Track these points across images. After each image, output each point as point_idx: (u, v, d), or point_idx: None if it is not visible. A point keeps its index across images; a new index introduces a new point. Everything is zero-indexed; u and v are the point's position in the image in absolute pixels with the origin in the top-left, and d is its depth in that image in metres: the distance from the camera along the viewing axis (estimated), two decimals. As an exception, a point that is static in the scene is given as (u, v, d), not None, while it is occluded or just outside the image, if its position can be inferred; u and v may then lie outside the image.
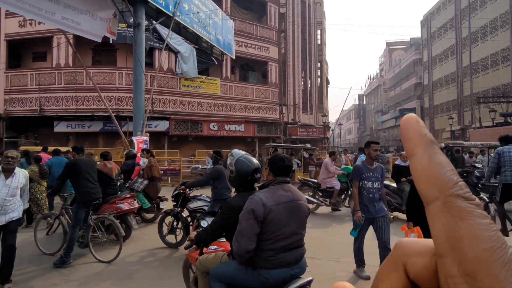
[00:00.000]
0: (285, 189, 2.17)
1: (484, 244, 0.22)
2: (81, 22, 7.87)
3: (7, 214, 3.60)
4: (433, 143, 0.27)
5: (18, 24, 16.28)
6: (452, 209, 0.24)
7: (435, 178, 0.25)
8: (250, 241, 1.97)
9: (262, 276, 2.05)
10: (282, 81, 21.53)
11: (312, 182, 7.96)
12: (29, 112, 15.86)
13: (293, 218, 2.12)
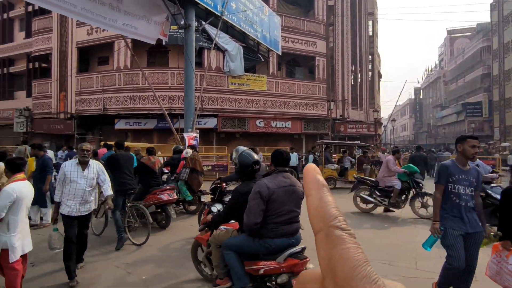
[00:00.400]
0: (284, 177, 2.71)
1: (350, 263, 0.28)
2: (138, 27, 8.42)
3: (87, 205, 3.81)
4: (323, 186, 0.34)
5: (86, 32, 18.06)
6: (331, 237, 0.30)
7: (322, 213, 0.31)
8: (258, 216, 2.53)
9: (267, 244, 2.60)
10: (330, 76, 20.85)
11: (369, 181, 7.59)
12: (94, 111, 17.54)
13: (291, 199, 2.65)
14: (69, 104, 18.30)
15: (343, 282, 0.28)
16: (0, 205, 2.97)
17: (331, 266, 0.29)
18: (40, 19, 19.72)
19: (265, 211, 2.56)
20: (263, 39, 13.34)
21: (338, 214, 0.31)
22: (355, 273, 0.28)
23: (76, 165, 3.79)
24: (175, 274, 3.92)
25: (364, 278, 0.28)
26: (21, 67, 22.25)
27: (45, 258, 4.28)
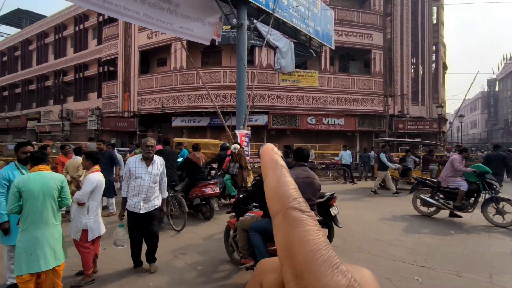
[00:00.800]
0: (303, 170, 3.31)
1: (309, 246, 0.26)
2: (193, 28, 8.74)
3: (151, 201, 3.75)
4: (282, 167, 0.32)
5: (147, 36, 19.42)
6: (288, 219, 0.28)
7: (280, 194, 0.30)
8: None
9: None
10: (388, 69, 19.50)
11: (430, 181, 6.94)
12: (154, 110, 18.82)
13: (308, 189, 3.18)
14: (132, 103, 19.90)
15: (302, 266, 0.26)
16: (84, 191, 3.50)
17: (288, 250, 0.27)
18: (109, 27, 21.73)
19: None
20: (315, 34, 12.96)
21: (298, 196, 0.30)
22: (315, 257, 0.26)
23: (140, 161, 3.76)
24: (219, 259, 4.20)
25: (325, 262, 0.26)
26: (93, 71, 24.81)
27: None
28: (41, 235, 2.86)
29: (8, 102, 34.37)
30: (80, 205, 3.57)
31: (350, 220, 6.28)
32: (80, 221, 3.53)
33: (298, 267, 0.26)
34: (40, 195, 2.85)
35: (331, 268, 0.26)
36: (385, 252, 4.47)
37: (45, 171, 2.97)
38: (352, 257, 4.27)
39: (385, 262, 4.14)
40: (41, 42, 29.60)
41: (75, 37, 26.07)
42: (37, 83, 30.16)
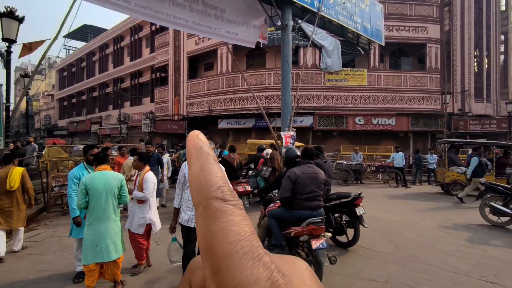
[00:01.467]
0: (308, 166, 3.81)
1: (230, 238, 0.24)
2: (238, 33, 8.91)
3: None
4: (207, 155, 0.30)
5: (194, 42, 20.30)
6: (209, 210, 0.26)
7: (201, 184, 0.27)
8: (287, 192, 3.64)
9: (294, 213, 3.67)
10: (446, 64, 17.94)
11: (502, 187, 6.23)
12: (201, 112, 19.57)
13: (312, 182, 3.69)
14: (182, 107, 20.92)
15: (220, 261, 0.24)
16: (149, 190, 3.81)
17: (208, 244, 0.25)
18: (160, 36, 23.15)
19: (293, 190, 3.65)
20: (363, 30, 12.40)
21: (221, 184, 0.27)
22: (235, 249, 0.24)
23: None
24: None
25: (246, 254, 0.23)
26: (147, 78, 26.60)
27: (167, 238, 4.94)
28: (104, 229, 3.13)
29: (76, 108, 38.42)
30: (140, 202, 3.84)
31: (403, 226, 5.88)
32: (143, 217, 3.82)
33: (216, 262, 0.24)
34: (103, 192, 3.13)
35: (252, 260, 0.23)
36: (445, 264, 4.09)
37: (107, 171, 3.25)
38: (405, 266, 3.98)
39: (445, 274, 3.78)
40: (102, 53, 32.61)
41: (131, 46, 28.22)
42: (99, 90, 33.24)
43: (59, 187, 6.80)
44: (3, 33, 6.50)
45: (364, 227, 4.52)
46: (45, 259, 4.36)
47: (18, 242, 4.67)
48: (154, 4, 7.04)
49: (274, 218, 3.78)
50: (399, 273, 3.78)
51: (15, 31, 6.61)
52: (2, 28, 6.49)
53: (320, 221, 3.57)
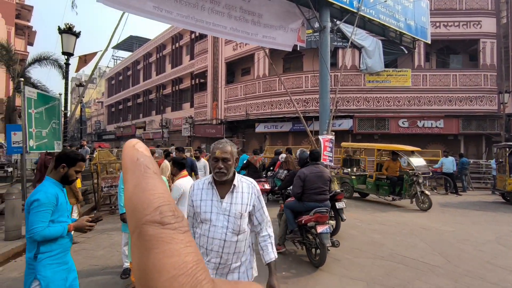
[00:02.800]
0: (315, 167, 4.60)
1: (166, 274, 0.20)
2: (276, 37, 8.94)
3: (231, 273, 3.41)
4: (146, 168, 0.24)
5: (232, 48, 20.74)
6: (143, 239, 0.21)
7: (135, 205, 0.22)
8: (298, 188, 4.46)
9: (305, 205, 4.46)
10: (503, 61, 16.40)
11: None
12: (239, 117, 19.87)
13: (319, 180, 4.48)
14: (220, 111, 21.43)
15: None
16: (174, 197, 3.80)
17: (142, 279, 0.20)
18: (199, 43, 24.00)
19: (303, 186, 4.49)
20: (407, 29, 11.78)
21: (160, 203, 0.22)
22: (173, 286, 0.20)
23: (209, 186, 1.91)
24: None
25: (185, 284, 0.20)
26: (187, 84, 27.69)
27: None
28: None
29: (122, 114, 41.13)
30: None
31: (455, 237, 5.42)
32: None
33: None
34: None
35: None
36: (506, 281, 3.69)
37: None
38: (458, 281, 3.64)
39: (506, 293, 3.41)
40: (146, 62, 34.60)
41: (172, 54, 29.61)
42: (143, 96, 35.26)
43: (107, 187, 7.28)
44: (63, 47, 7.16)
45: (342, 220, 5.15)
46: (96, 254, 4.68)
47: None
48: (194, 13, 7.31)
49: (289, 209, 4.69)
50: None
51: (73, 45, 7.25)
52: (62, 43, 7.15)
53: (325, 211, 4.31)
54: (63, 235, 2.06)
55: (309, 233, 4.42)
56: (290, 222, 4.59)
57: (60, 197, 2.10)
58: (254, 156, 8.15)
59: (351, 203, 8.63)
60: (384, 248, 4.80)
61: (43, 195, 2.01)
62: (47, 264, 2.00)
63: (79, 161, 2.20)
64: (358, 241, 5.13)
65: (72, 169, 2.16)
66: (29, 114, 5.45)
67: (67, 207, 2.19)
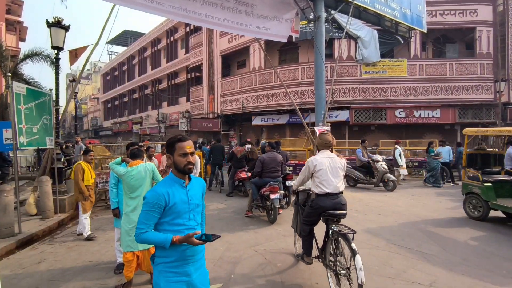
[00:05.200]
0: (271, 153, 6.45)
1: None
2: (270, 27, 8.79)
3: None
4: None
5: (227, 41, 20.51)
6: None
7: None
8: (259, 168, 6.30)
9: (263, 180, 6.26)
10: (500, 49, 16.33)
11: None
12: (235, 110, 19.76)
13: (274, 162, 6.26)
14: (216, 105, 21.30)
15: None
16: None
17: None
18: (194, 36, 23.73)
19: (262, 167, 6.18)
20: (402, 18, 11.65)
21: None
22: None
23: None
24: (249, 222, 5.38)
25: None
26: (182, 78, 27.46)
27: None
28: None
29: (118, 110, 40.83)
30: None
31: (451, 226, 5.41)
32: None
33: None
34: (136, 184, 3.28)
35: None
36: (502, 268, 3.68)
37: (140, 164, 3.39)
38: (453, 270, 3.63)
39: (502, 280, 3.40)
40: (141, 56, 34.23)
41: (167, 48, 29.29)
42: (139, 91, 34.96)
43: (102, 183, 7.22)
44: (52, 41, 7.01)
45: (292, 197, 5.63)
46: (91, 250, 4.64)
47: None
48: (186, 4, 7.15)
49: (253, 184, 6.44)
50: (445, 276, 3.48)
51: (62, 39, 7.10)
52: (51, 36, 7.00)
53: (277, 183, 6.04)
54: (165, 246, 1.71)
55: (266, 200, 6.02)
56: (254, 193, 6.35)
57: (174, 195, 1.78)
58: (237, 147, 9.01)
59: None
60: (380, 238, 4.79)
61: (150, 193, 1.77)
62: (162, 271, 1.78)
63: (177, 142, 1.82)
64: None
65: (176, 154, 1.81)
66: (18, 110, 5.35)
67: (191, 207, 1.84)
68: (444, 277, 3.46)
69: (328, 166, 3.30)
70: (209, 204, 7.94)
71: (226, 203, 7.98)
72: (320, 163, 3.31)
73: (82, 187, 5.19)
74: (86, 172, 5.34)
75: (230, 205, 7.77)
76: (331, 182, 3.26)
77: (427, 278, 3.43)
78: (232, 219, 6.32)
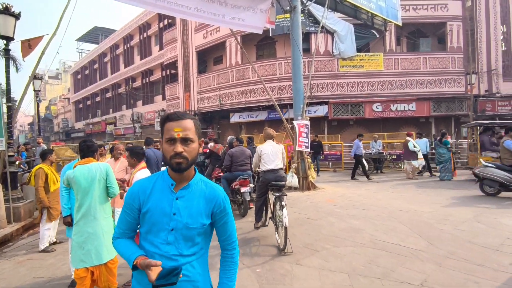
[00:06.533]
0: (239, 147, 6.48)
1: None
2: (244, 18, 8.39)
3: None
4: None
5: (202, 36, 19.89)
6: None
7: None
8: (228, 162, 6.27)
9: (232, 174, 6.28)
10: (470, 43, 16.77)
11: None
12: (212, 107, 19.22)
13: (243, 156, 6.27)
14: (193, 102, 20.64)
15: None
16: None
17: None
18: (168, 32, 22.88)
19: (231, 161, 6.13)
20: (378, 9, 11.61)
21: None
22: None
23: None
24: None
25: None
26: (157, 76, 26.49)
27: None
28: (92, 229, 2.75)
29: (91, 110, 39.01)
30: None
31: (434, 218, 5.27)
32: None
33: None
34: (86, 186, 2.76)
35: None
36: (489, 260, 3.51)
37: (90, 163, 2.87)
38: (443, 265, 3.42)
39: (491, 274, 3.22)
40: (113, 54, 32.77)
41: (140, 45, 28.17)
42: (112, 91, 33.50)
43: (65, 187, 6.56)
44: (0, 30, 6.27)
45: (246, 199, 5.87)
46: (45, 264, 4.08)
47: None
48: (153, -10, 6.63)
49: (224, 179, 6.40)
50: (436, 273, 3.25)
51: (12, 28, 6.36)
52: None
53: (247, 177, 5.97)
54: (129, 266, 1.21)
55: (237, 194, 6.04)
56: (225, 188, 6.16)
57: (152, 198, 1.27)
58: (215, 145, 8.61)
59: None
60: (363, 234, 4.54)
61: (130, 188, 1.34)
62: None
63: (166, 121, 1.27)
64: (336, 228, 4.85)
65: (163, 140, 1.26)
66: (-44, 106, 4.66)
67: (173, 224, 1.23)
68: (434, 274, 3.22)
69: (270, 151, 4.69)
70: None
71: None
72: (264, 149, 4.73)
73: (41, 196, 4.57)
74: (50, 176, 4.71)
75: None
76: (272, 162, 4.62)
77: (417, 276, 3.18)
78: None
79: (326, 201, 6.85)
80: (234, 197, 6.23)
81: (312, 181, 8.24)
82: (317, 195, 7.51)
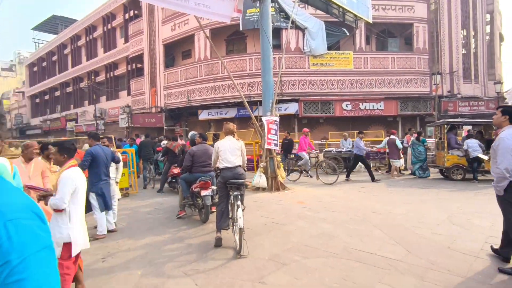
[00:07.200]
0: (202, 145, 5.83)
1: None
2: (210, 5, 7.74)
3: None
4: None
5: (170, 29, 18.86)
6: None
7: None
8: (188, 162, 5.62)
9: (193, 176, 5.60)
10: (434, 45, 17.27)
11: None
12: (180, 103, 18.29)
13: (205, 155, 5.63)
14: (159, 98, 19.56)
15: None
16: (62, 193, 2.74)
17: None
18: (134, 23, 21.53)
19: (192, 160, 5.53)
20: (350, 5, 11.41)
21: None
22: None
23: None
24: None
25: None
26: (123, 70, 24.94)
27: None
28: None
29: (49, 105, 36.13)
30: (57, 211, 2.75)
31: (409, 220, 4.99)
32: (60, 232, 2.70)
33: None
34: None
35: None
36: (472, 271, 3.19)
37: None
38: (425, 279, 3.04)
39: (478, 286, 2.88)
40: (74, 45, 30.48)
41: (104, 37, 26.39)
42: (73, 85, 31.19)
43: None
44: None
45: (207, 204, 5.28)
46: None
47: None
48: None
49: (183, 180, 5.75)
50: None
51: None
52: None
53: (209, 178, 5.26)
54: None
55: (198, 198, 5.41)
56: (184, 190, 5.67)
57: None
58: (172, 142, 8.47)
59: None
60: (336, 241, 4.11)
61: None
62: None
63: None
64: (307, 235, 4.39)
65: None
66: None
67: None
68: (416, 290, 2.83)
69: (228, 148, 4.33)
70: (140, 201, 7.32)
71: (157, 201, 7.32)
72: (221, 145, 4.37)
73: None
74: None
75: (163, 203, 7.10)
76: (230, 159, 4.27)
77: (398, 293, 2.76)
78: (162, 220, 5.69)
79: (296, 203, 6.42)
80: (193, 200, 5.57)
81: (281, 181, 7.79)
82: (287, 196, 7.07)
